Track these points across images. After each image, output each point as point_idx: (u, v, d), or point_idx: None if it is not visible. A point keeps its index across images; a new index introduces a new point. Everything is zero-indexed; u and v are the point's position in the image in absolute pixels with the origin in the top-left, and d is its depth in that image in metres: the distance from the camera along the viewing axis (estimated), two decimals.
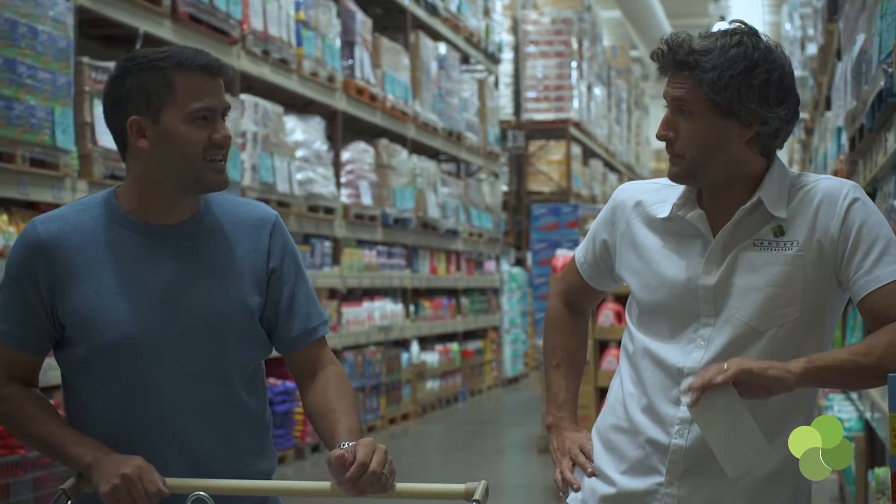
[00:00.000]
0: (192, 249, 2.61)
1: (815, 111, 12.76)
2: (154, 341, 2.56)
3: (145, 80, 2.53)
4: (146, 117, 2.54)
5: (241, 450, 2.66)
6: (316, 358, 2.69)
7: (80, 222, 2.58)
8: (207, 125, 2.55)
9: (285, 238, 2.70)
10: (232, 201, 2.70)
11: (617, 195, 2.76)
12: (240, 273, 2.63)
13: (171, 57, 2.54)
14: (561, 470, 2.75)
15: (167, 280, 2.57)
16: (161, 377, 2.57)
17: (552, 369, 2.89)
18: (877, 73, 4.92)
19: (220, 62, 2.58)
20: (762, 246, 2.57)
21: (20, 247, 2.57)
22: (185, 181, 2.57)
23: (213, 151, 2.55)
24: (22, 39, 6.26)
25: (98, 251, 2.57)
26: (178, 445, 2.59)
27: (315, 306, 2.71)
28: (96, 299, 2.55)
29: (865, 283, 2.51)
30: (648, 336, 2.65)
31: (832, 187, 2.58)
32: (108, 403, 2.58)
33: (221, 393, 2.62)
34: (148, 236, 2.59)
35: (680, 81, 2.55)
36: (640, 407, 2.64)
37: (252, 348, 2.67)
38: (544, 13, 21.32)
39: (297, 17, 10.47)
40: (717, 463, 2.53)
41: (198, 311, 2.58)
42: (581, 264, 2.85)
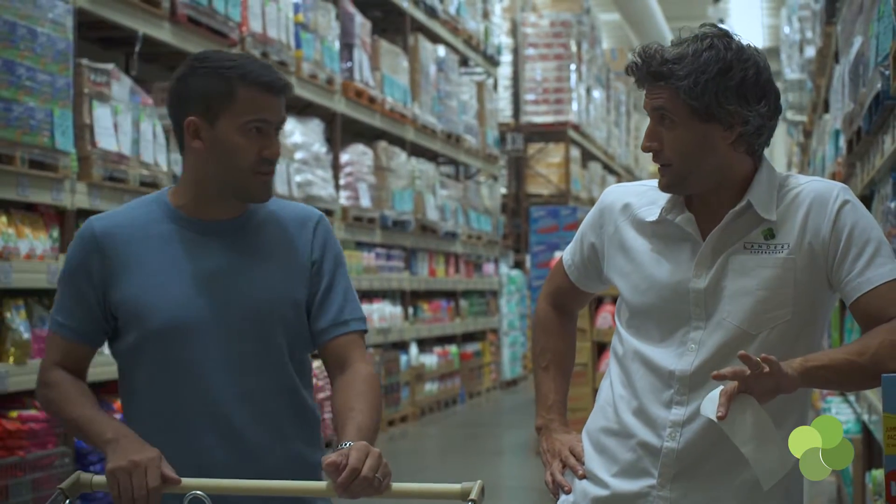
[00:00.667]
0: (239, 244, 2.71)
1: (814, 114, 12.77)
2: (200, 329, 2.66)
3: (208, 84, 2.62)
4: (203, 120, 2.64)
5: (289, 438, 2.72)
6: (345, 353, 2.71)
7: (133, 218, 2.72)
8: (261, 138, 2.64)
9: (328, 235, 2.78)
10: (280, 202, 2.80)
11: (604, 198, 2.76)
12: (285, 267, 2.72)
13: (238, 68, 2.62)
14: (551, 472, 2.75)
15: (214, 272, 2.68)
16: (207, 364, 2.66)
17: (541, 371, 2.89)
18: (874, 76, 4.93)
19: (283, 81, 2.66)
20: (752, 249, 2.57)
21: (76, 242, 2.72)
22: (231, 188, 2.67)
23: (262, 165, 2.65)
24: (21, 41, 6.26)
25: (148, 243, 2.69)
26: (223, 432, 2.67)
27: (351, 303, 2.76)
28: (146, 288, 2.66)
29: (858, 284, 2.51)
30: (638, 339, 2.65)
31: (822, 190, 2.58)
32: (156, 390, 2.68)
33: (267, 382, 2.70)
34: (197, 231, 2.70)
35: (657, 92, 2.55)
36: (630, 409, 2.64)
37: (297, 340, 2.75)
38: (543, 16, 21.33)
39: (296, 19, 10.48)
40: (709, 465, 2.54)
41: (244, 301, 2.68)
42: (569, 266, 2.85)
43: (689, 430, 2.56)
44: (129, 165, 7.38)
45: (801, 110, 15.92)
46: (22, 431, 6.25)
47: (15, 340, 6.32)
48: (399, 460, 11.23)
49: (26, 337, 6.39)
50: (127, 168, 7.36)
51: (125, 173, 7.35)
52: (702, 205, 2.62)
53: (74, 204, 6.89)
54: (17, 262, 6.34)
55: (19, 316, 6.42)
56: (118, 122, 7.26)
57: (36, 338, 6.50)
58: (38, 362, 6.61)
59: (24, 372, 6.34)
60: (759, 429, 2.37)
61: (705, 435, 2.56)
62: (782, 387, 2.40)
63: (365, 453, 2.39)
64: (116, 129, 7.25)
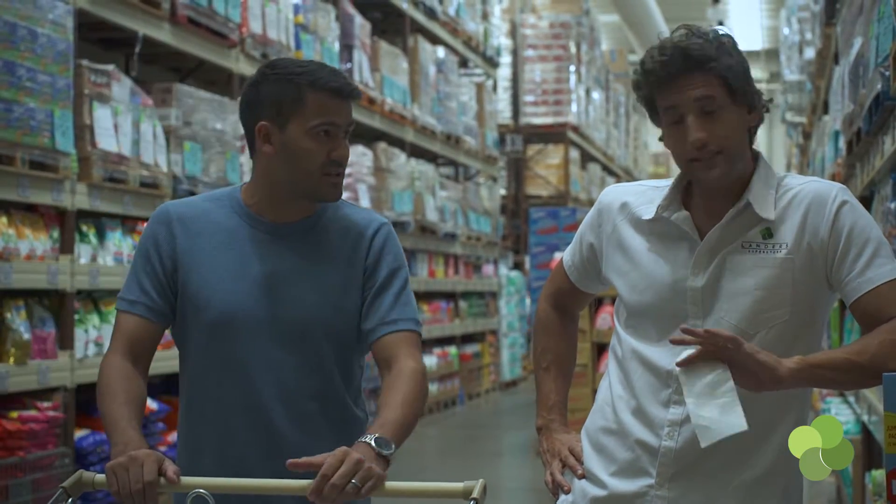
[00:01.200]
0: (301, 248, 2.78)
1: (813, 115, 12.78)
2: (249, 327, 2.73)
3: (280, 90, 2.70)
4: (274, 125, 2.72)
5: (328, 441, 2.73)
6: (392, 351, 2.72)
7: (205, 210, 2.81)
8: (329, 141, 2.71)
9: (385, 241, 2.81)
10: (349, 208, 2.86)
11: (602, 197, 2.76)
12: (341, 274, 2.77)
13: (308, 74, 2.70)
14: (551, 472, 2.76)
15: (271, 273, 2.75)
16: (252, 363, 2.73)
17: (542, 372, 2.89)
18: (874, 77, 4.94)
19: (351, 86, 2.73)
20: (751, 248, 2.57)
21: (151, 221, 2.81)
22: (301, 190, 2.74)
23: (330, 167, 2.71)
24: (21, 42, 6.27)
25: (216, 236, 2.78)
26: (261, 430, 2.73)
27: (402, 305, 2.78)
28: (205, 279, 2.75)
29: (858, 284, 2.52)
30: (636, 338, 2.66)
31: (821, 190, 2.58)
32: (204, 381, 2.78)
33: (309, 386, 2.76)
34: (263, 231, 2.78)
35: (694, 82, 2.52)
36: (629, 409, 2.64)
37: (345, 347, 2.80)
38: (543, 17, 21.34)
39: (296, 20, 10.48)
40: (708, 464, 2.54)
41: (293, 305, 2.74)
42: (568, 267, 2.85)
43: (687, 430, 2.56)
44: (129, 166, 7.38)
45: (801, 112, 15.92)
46: (22, 432, 6.26)
47: (15, 341, 6.33)
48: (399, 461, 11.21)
49: (26, 337, 6.40)
50: (127, 169, 7.37)
51: (125, 174, 7.36)
52: (699, 203, 2.63)
53: (75, 205, 6.89)
54: (18, 262, 6.35)
55: (19, 316, 6.42)
56: (118, 122, 7.27)
57: (36, 338, 6.51)
58: (39, 363, 6.67)
59: (25, 372, 6.35)
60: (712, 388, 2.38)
61: None
62: (759, 373, 2.39)
63: (340, 459, 2.39)
64: (116, 130, 7.26)
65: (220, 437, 2.74)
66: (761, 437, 2.56)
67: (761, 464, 2.58)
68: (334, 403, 2.80)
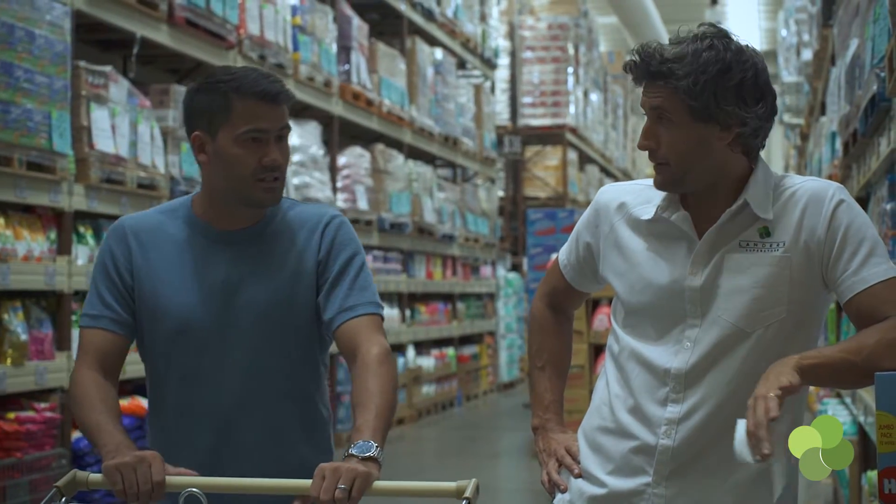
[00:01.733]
0: (253, 252, 2.79)
1: (811, 116, 12.78)
2: (206, 335, 2.75)
3: (209, 99, 2.72)
4: (206, 134, 2.73)
5: (292, 442, 2.77)
6: (353, 337, 2.71)
7: (159, 222, 2.84)
8: (259, 147, 2.70)
9: (337, 232, 2.81)
10: (302, 206, 2.86)
11: (599, 197, 2.77)
12: (295, 273, 2.78)
13: (234, 81, 2.70)
14: (548, 471, 2.76)
15: (225, 280, 2.77)
16: (212, 369, 2.76)
17: (537, 371, 2.89)
18: (870, 78, 4.94)
19: (277, 90, 2.71)
20: (748, 247, 2.58)
21: (108, 236, 2.84)
22: (236, 197, 2.75)
23: (262, 172, 2.71)
24: (19, 43, 6.27)
25: (169, 248, 2.80)
26: (223, 435, 2.75)
27: (360, 291, 2.77)
28: (160, 291, 2.77)
29: (853, 283, 2.52)
30: (634, 337, 2.66)
31: (818, 189, 2.59)
32: (166, 390, 2.80)
33: (272, 388, 2.77)
34: (214, 239, 2.80)
35: (655, 91, 2.54)
36: (626, 408, 2.65)
37: (306, 345, 2.81)
38: (541, 19, 21.33)
39: (294, 21, 10.49)
40: (704, 463, 2.56)
41: (251, 308, 2.75)
42: (564, 266, 2.86)
43: (684, 428, 2.57)
44: (126, 167, 7.39)
45: (798, 113, 15.94)
46: (19, 433, 6.27)
47: (12, 342, 6.33)
48: (397, 462, 11.22)
49: (24, 338, 6.40)
50: (124, 170, 7.37)
51: (123, 175, 7.36)
52: (697, 203, 2.63)
53: (72, 206, 6.90)
54: (15, 263, 6.35)
55: (17, 317, 6.42)
56: (116, 124, 7.27)
57: (33, 339, 6.51)
58: (36, 364, 6.67)
59: (22, 373, 6.35)
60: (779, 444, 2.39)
61: (700, 433, 2.57)
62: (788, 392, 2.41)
63: (321, 476, 2.40)
64: (114, 131, 7.26)
65: (185, 444, 2.75)
66: None
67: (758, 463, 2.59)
68: (301, 403, 2.81)
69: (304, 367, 2.82)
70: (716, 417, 2.56)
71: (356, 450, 2.46)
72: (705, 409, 2.56)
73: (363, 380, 2.62)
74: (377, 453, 2.46)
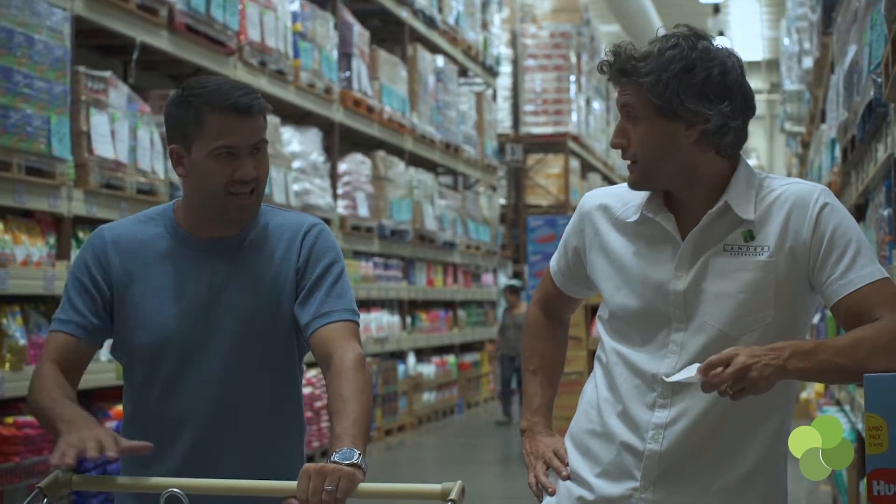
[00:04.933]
0: (235, 262, 2.77)
1: (812, 125, 12.78)
2: (187, 345, 2.73)
3: (183, 113, 2.70)
4: (182, 147, 2.71)
5: (270, 449, 2.76)
6: (328, 343, 2.69)
7: (139, 231, 2.80)
8: (232, 161, 2.68)
9: (316, 240, 2.79)
10: (283, 215, 2.84)
11: (584, 202, 2.78)
12: (276, 282, 2.76)
13: (206, 95, 2.68)
14: (535, 473, 2.75)
15: (206, 289, 2.74)
16: (193, 377, 2.74)
17: (529, 375, 2.90)
18: (867, 84, 4.94)
19: (249, 102, 2.68)
20: (733, 251, 2.58)
21: (86, 245, 2.80)
22: (208, 211, 2.74)
23: (235, 186, 2.69)
24: (18, 49, 6.28)
25: (150, 258, 2.77)
26: (205, 442, 2.73)
27: (337, 298, 2.74)
28: (141, 301, 2.74)
29: (840, 286, 2.52)
30: (621, 342, 2.66)
31: (803, 192, 2.59)
32: (145, 400, 2.77)
33: (252, 395, 2.76)
34: (195, 249, 2.77)
35: (624, 89, 2.59)
36: (615, 412, 2.64)
37: (287, 353, 2.79)
38: (543, 27, 21.37)
39: (294, 28, 10.50)
40: (692, 467, 2.56)
41: (233, 318, 2.74)
42: (554, 273, 2.87)
43: (671, 433, 2.57)
44: (126, 173, 7.39)
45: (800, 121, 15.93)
46: (17, 437, 6.27)
47: (11, 346, 6.34)
48: (396, 469, 11.21)
49: (22, 343, 6.40)
50: (124, 175, 7.38)
51: (122, 181, 7.36)
52: (679, 206, 2.63)
53: (71, 211, 6.90)
54: (14, 268, 6.35)
55: (15, 322, 6.43)
56: (115, 129, 7.28)
57: (32, 344, 6.51)
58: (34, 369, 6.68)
59: (20, 378, 6.35)
60: None
61: (688, 437, 2.56)
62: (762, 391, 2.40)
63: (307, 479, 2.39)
64: (114, 137, 7.27)
65: (163, 452, 2.72)
66: (745, 440, 2.57)
67: (744, 466, 2.58)
68: (280, 410, 2.80)
69: (284, 376, 2.81)
70: (703, 422, 2.56)
71: (339, 457, 2.43)
72: (693, 414, 2.56)
73: (338, 387, 2.60)
74: (360, 460, 2.43)
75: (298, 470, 2.42)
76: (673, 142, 2.56)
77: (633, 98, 2.57)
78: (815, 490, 8.89)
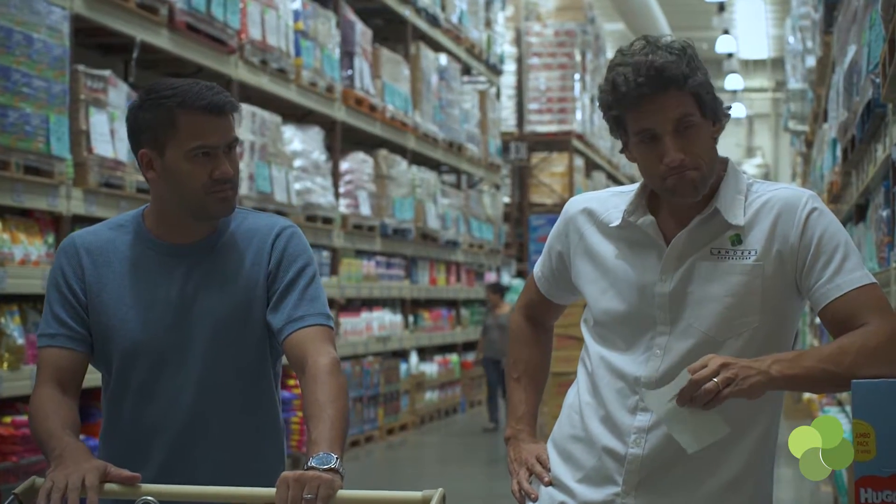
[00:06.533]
0: (206, 266, 2.75)
1: (815, 124, 12.76)
2: (162, 351, 2.71)
3: (153, 116, 2.67)
4: (154, 151, 2.68)
5: (247, 455, 2.74)
6: (302, 349, 2.67)
7: (111, 238, 2.78)
8: (209, 161, 2.67)
9: (288, 242, 2.77)
10: (253, 217, 2.82)
11: (568, 207, 2.75)
12: (247, 284, 2.74)
13: (177, 96, 2.65)
14: (518, 480, 2.73)
15: (178, 295, 2.72)
16: (168, 384, 2.72)
17: (513, 382, 2.87)
18: (865, 84, 4.93)
19: (222, 101, 2.67)
20: (719, 255, 2.55)
21: (60, 255, 2.78)
22: (190, 211, 2.71)
23: (214, 185, 2.67)
24: (17, 48, 6.28)
25: (122, 266, 2.75)
26: (181, 449, 2.71)
27: (310, 302, 2.72)
28: (114, 309, 2.72)
29: (827, 291, 2.50)
30: (605, 345, 2.64)
31: (791, 197, 2.57)
32: (121, 405, 2.75)
33: (227, 401, 2.74)
34: (166, 254, 2.75)
35: (671, 100, 2.48)
36: (597, 417, 2.62)
37: (261, 358, 2.77)
38: (548, 25, 21.35)
39: (296, 27, 10.50)
40: (674, 473, 2.53)
41: (206, 323, 2.72)
42: (538, 279, 2.84)
43: (654, 437, 2.54)
44: (125, 172, 7.39)
45: (803, 120, 15.91)
46: (15, 437, 6.27)
47: (9, 346, 6.33)
48: (398, 468, 11.22)
49: (20, 342, 6.40)
50: (123, 174, 7.37)
51: (121, 180, 7.36)
52: (666, 208, 2.61)
53: (70, 210, 6.90)
54: (12, 267, 6.35)
55: (13, 321, 6.42)
56: (115, 128, 7.28)
57: (30, 343, 6.51)
58: (32, 368, 6.66)
59: (18, 377, 6.35)
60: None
61: (670, 441, 2.53)
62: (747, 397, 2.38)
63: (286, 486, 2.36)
64: (113, 136, 7.26)
65: (139, 459, 2.70)
66: (730, 446, 2.55)
67: (729, 472, 2.56)
68: (256, 416, 2.78)
69: (259, 380, 2.78)
70: None
71: (316, 462, 2.41)
72: None
73: (313, 391, 2.57)
74: (337, 465, 2.41)
75: (278, 474, 2.40)
76: (713, 139, 2.57)
77: (686, 108, 2.49)
78: (816, 491, 8.87)
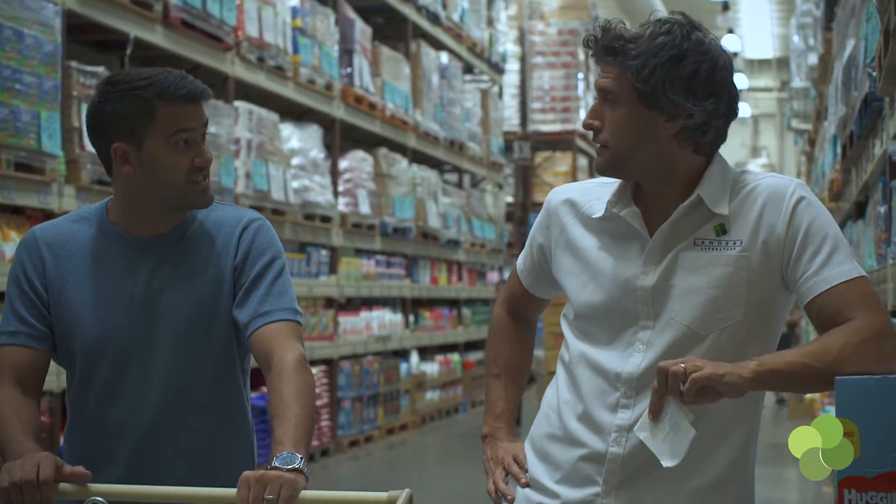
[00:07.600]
0: (172, 260, 2.69)
1: (818, 122, 12.70)
2: (126, 348, 2.65)
3: (127, 107, 2.59)
4: (130, 144, 2.61)
5: (215, 456, 2.68)
6: (268, 344, 2.61)
7: (73, 232, 2.71)
8: (189, 149, 2.63)
9: (254, 235, 2.71)
10: (221, 209, 2.76)
11: (550, 198, 2.67)
12: (215, 280, 2.68)
13: (155, 85, 2.59)
14: (494, 480, 2.65)
15: (143, 290, 2.67)
16: (133, 382, 2.65)
17: (492, 378, 2.79)
18: (863, 78, 4.87)
19: (201, 89, 2.64)
20: (703, 246, 2.47)
21: (20, 250, 2.74)
22: (170, 203, 2.66)
23: (195, 174, 2.63)
24: (7, 43, 6.23)
25: (85, 260, 2.68)
26: (146, 450, 2.65)
27: (277, 297, 2.66)
28: (77, 304, 2.66)
29: (814, 284, 2.41)
30: (585, 341, 2.55)
31: (777, 185, 2.48)
32: (85, 404, 2.69)
33: (194, 400, 2.67)
34: (131, 248, 2.69)
35: (607, 69, 2.47)
36: (575, 415, 2.53)
37: (228, 355, 2.71)
38: (551, 24, 21.30)
39: (294, 24, 10.44)
40: (655, 472, 2.44)
41: (172, 319, 2.66)
42: (521, 272, 2.76)
43: (635, 436, 2.44)
44: None
45: (807, 119, 15.85)
46: None
47: None
48: (399, 467, 11.17)
49: None
50: None
51: None
52: (649, 199, 2.53)
53: (62, 207, 6.83)
54: (3, 265, 6.29)
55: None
56: None
57: None
58: None
59: None
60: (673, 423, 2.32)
61: None
62: (724, 393, 2.31)
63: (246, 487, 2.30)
64: None
65: (104, 460, 2.64)
66: (712, 446, 2.47)
67: (712, 472, 2.49)
68: (223, 415, 2.72)
69: (227, 378, 2.71)
70: None
71: (280, 462, 2.35)
72: None
73: (278, 389, 2.51)
74: (302, 465, 2.35)
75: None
76: (649, 132, 2.45)
77: (616, 80, 2.45)
78: (818, 492, 8.82)
